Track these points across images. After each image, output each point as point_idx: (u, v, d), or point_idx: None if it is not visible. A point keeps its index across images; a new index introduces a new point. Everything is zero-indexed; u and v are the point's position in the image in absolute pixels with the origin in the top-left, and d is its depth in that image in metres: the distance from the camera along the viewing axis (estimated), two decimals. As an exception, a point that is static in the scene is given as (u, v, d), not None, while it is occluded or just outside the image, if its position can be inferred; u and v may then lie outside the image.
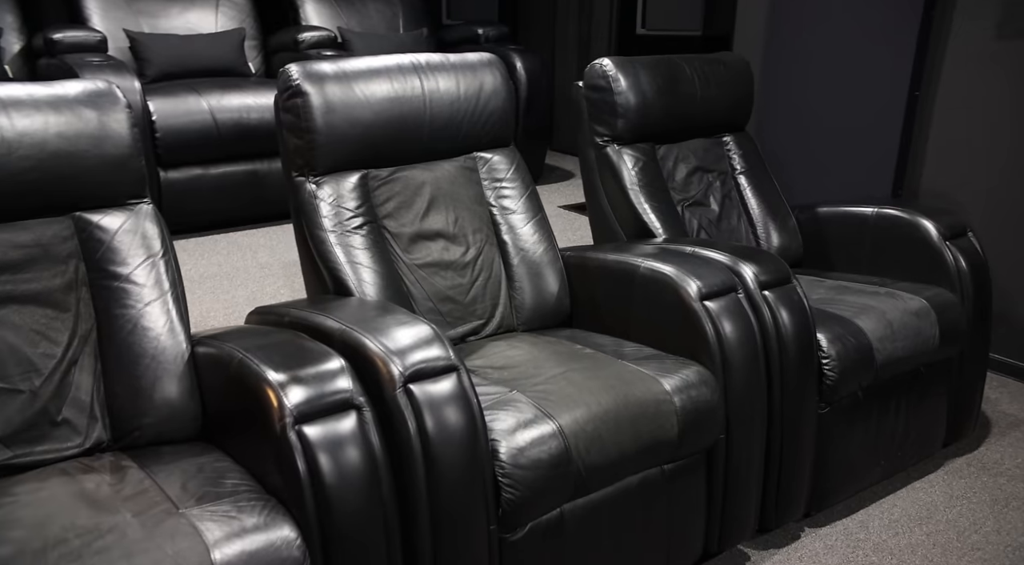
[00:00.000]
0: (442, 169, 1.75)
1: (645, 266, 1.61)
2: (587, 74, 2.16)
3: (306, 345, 1.22)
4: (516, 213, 1.81)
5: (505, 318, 1.74)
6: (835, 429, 1.72)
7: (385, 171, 1.67)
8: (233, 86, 2.99)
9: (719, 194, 2.31)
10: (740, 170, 2.37)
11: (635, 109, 2.10)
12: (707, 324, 1.50)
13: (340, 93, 1.57)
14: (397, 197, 1.67)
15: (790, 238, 2.32)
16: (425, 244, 1.68)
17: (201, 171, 2.87)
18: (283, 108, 1.58)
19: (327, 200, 1.58)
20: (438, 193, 1.72)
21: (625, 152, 2.13)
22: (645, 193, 2.10)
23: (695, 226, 2.22)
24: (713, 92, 2.28)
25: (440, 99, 1.70)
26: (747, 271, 1.63)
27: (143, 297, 1.32)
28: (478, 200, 1.78)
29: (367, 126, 1.60)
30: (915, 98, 2.76)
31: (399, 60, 1.68)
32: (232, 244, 2.78)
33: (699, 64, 2.28)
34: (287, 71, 1.55)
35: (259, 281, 2.45)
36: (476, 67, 1.78)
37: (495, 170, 1.82)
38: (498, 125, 1.81)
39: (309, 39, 3.37)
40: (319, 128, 1.55)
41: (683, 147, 2.29)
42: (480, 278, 1.72)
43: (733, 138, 2.40)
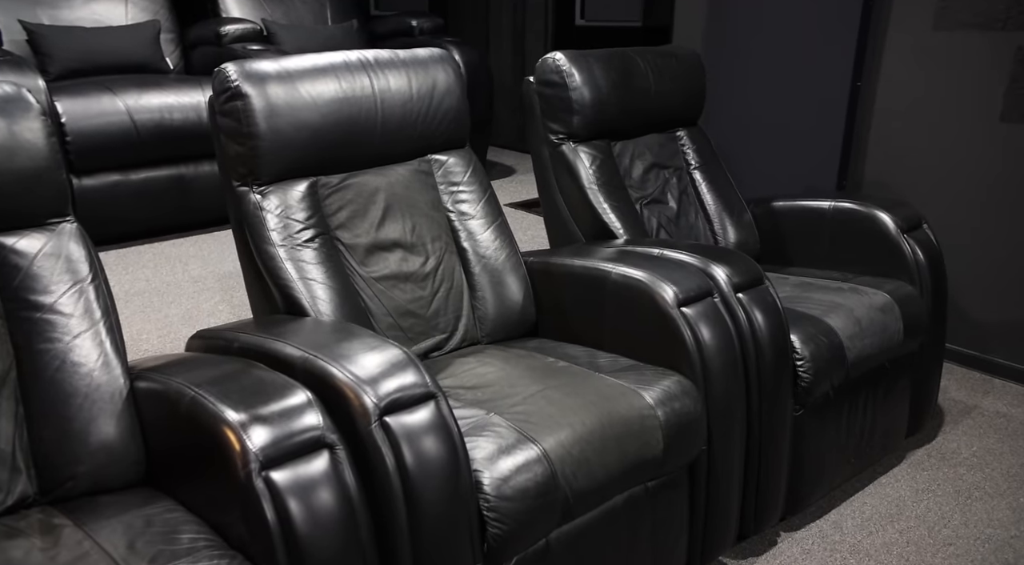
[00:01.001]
0: (396, 174, 1.66)
1: (617, 272, 1.56)
2: (539, 69, 2.09)
3: (265, 377, 1.11)
4: (475, 218, 1.73)
5: (469, 330, 1.66)
6: (808, 430, 1.72)
7: (336, 178, 1.56)
8: (152, 84, 2.78)
9: (676, 191, 2.29)
10: (695, 165, 2.35)
11: (590, 105, 2.05)
12: (685, 331, 1.46)
13: (284, 94, 1.46)
14: (350, 206, 1.57)
15: (747, 233, 2.32)
16: (382, 255, 1.58)
17: (120, 177, 2.66)
18: (220, 111, 1.45)
19: (274, 211, 1.46)
20: (393, 200, 1.63)
21: (581, 150, 2.08)
22: (603, 192, 2.06)
23: (654, 224, 2.19)
24: (667, 86, 2.25)
25: (392, 99, 1.60)
26: (719, 273, 1.60)
27: (71, 329, 1.18)
28: (435, 206, 1.70)
29: (315, 130, 1.49)
30: (857, 89, 2.81)
31: (346, 57, 1.58)
32: (159, 256, 2.58)
33: (652, 57, 2.24)
34: (224, 71, 1.43)
35: (193, 297, 2.28)
36: (428, 64, 1.69)
37: (451, 173, 1.74)
38: (453, 125, 1.73)
39: (232, 32, 3.18)
40: (262, 133, 1.43)
41: (638, 143, 2.26)
42: (442, 289, 1.64)
43: (687, 133, 2.38)
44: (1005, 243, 2.44)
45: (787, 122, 3.01)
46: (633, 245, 1.83)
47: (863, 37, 2.72)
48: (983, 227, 2.48)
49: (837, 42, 2.76)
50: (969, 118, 2.48)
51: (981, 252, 2.49)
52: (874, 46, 2.72)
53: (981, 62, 2.43)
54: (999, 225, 2.44)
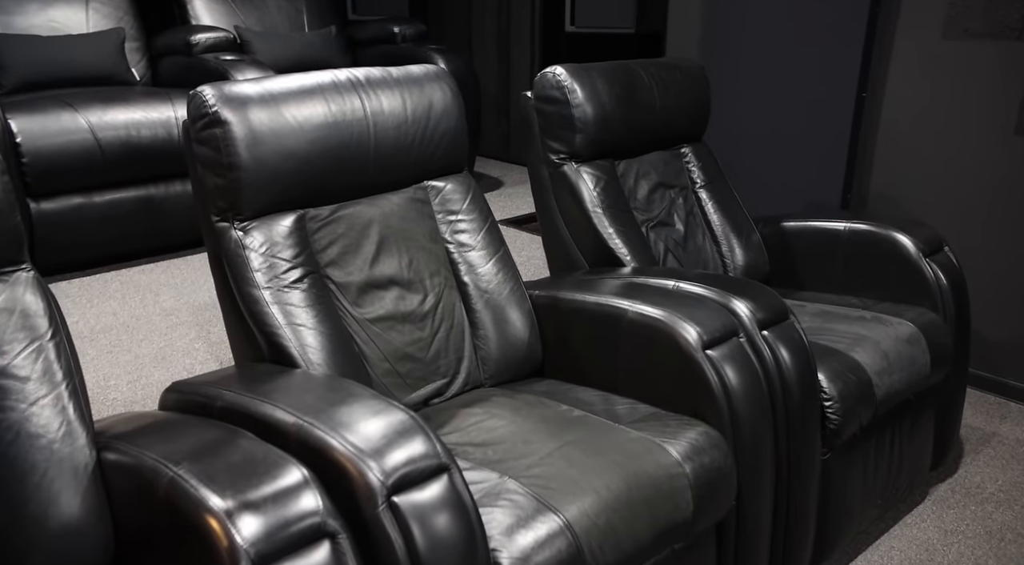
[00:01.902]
0: (390, 203, 1.54)
1: (634, 311, 1.46)
2: (538, 84, 1.99)
3: (255, 451, 0.99)
4: (475, 250, 1.62)
5: (471, 373, 1.55)
6: (835, 474, 1.63)
7: (325, 210, 1.44)
8: (117, 98, 2.62)
9: (683, 212, 2.19)
10: (700, 184, 2.26)
11: (593, 122, 1.95)
12: (711, 376, 1.36)
13: (267, 120, 1.33)
14: (341, 240, 1.45)
15: (756, 255, 2.23)
16: (377, 294, 1.46)
17: (83, 200, 2.49)
18: (197, 139, 1.32)
19: (258, 250, 1.34)
20: (388, 232, 1.51)
21: (584, 170, 1.98)
22: (608, 215, 1.96)
23: (661, 249, 2.09)
24: (672, 101, 2.16)
25: (385, 122, 1.48)
26: (743, 309, 1.51)
27: (28, 395, 1.05)
28: (432, 237, 1.58)
29: (302, 158, 1.37)
30: (862, 100, 2.74)
31: (335, 76, 1.46)
32: (127, 285, 2.41)
33: (655, 70, 2.15)
34: (200, 95, 1.30)
35: (166, 333, 2.13)
36: (423, 82, 1.58)
37: (449, 201, 1.62)
38: (451, 149, 1.62)
39: (204, 41, 3.03)
40: (244, 164, 1.31)
41: (643, 162, 2.16)
42: (442, 329, 1.53)
43: (692, 149, 2.29)
44: (1017, 261, 2.38)
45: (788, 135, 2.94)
46: (643, 275, 1.73)
47: (869, 46, 2.65)
48: (994, 245, 2.42)
49: (841, 51, 2.69)
50: (980, 131, 2.42)
51: (992, 271, 2.43)
52: (880, 55, 2.66)
53: (993, 72, 2.37)
54: (1012, 243, 2.38)
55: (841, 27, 2.67)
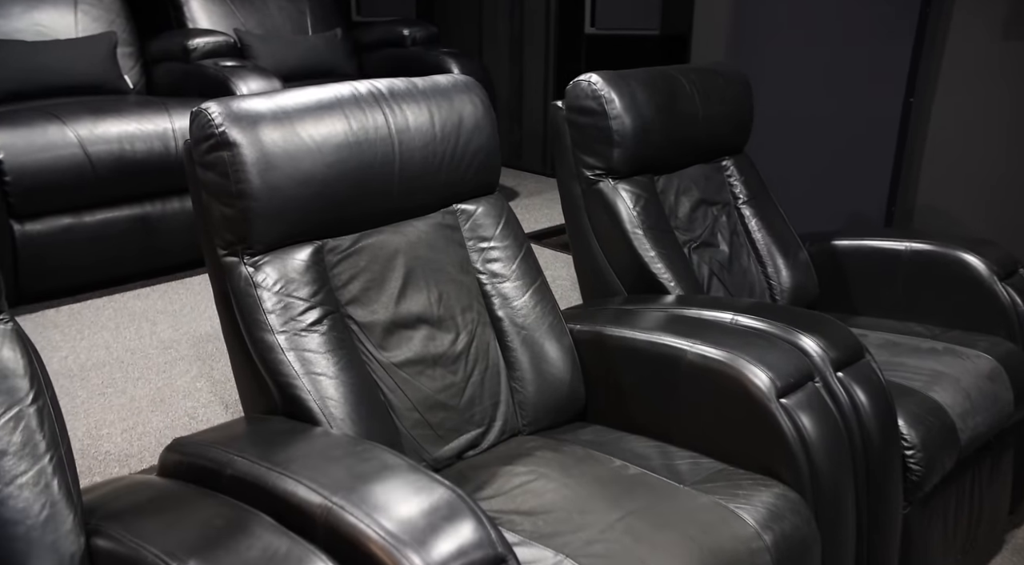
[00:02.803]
0: (416, 230, 1.40)
1: (695, 352, 1.32)
2: (571, 93, 1.85)
3: (274, 543, 0.85)
4: (510, 280, 1.48)
5: (508, 420, 1.41)
6: (915, 528, 1.48)
7: (346, 240, 1.30)
8: (108, 108, 2.47)
9: (726, 231, 2.06)
10: (743, 199, 2.13)
11: (632, 135, 1.81)
12: (787, 428, 1.22)
13: (281, 141, 1.20)
14: (364, 274, 1.31)
15: (804, 276, 2.10)
16: (404, 335, 1.32)
17: (72, 220, 2.34)
18: (202, 163, 1.19)
19: (271, 288, 1.20)
20: (415, 263, 1.37)
21: (622, 187, 1.84)
22: (649, 237, 1.82)
23: (705, 272, 1.95)
24: (714, 110, 2.02)
25: (411, 140, 1.35)
26: (813, 347, 1.37)
27: (5, 472, 0.91)
28: (463, 267, 1.44)
29: (320, 184, 1.23)
30: (909, 105, 2.61)
31: (355, 89, 1.32)
32: (121, 312, 2.26)
33: (696, 77, 2.01)
34: (205, 114, 1.16)
35: (164, 369, 1.97)
36: (451, 94, 1.44)
37: (480, 226, 1.48)
38: (483, 168, 1.48)
39: (202, 46, 2.89)
40: (256, 191, 1.17)
41: (683, 176, 2.02)
42: (476, 372, 1.39)
43: (733, 162, 2.15)
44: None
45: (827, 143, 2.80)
46: (693, 306, 1.59)
47: (918, 47, 2.52)
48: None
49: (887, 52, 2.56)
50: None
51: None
52: (931, 57, 2.52)
53: (1060, 77, 2.24)
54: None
55: (887, 25, 2.54)
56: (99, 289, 2.38)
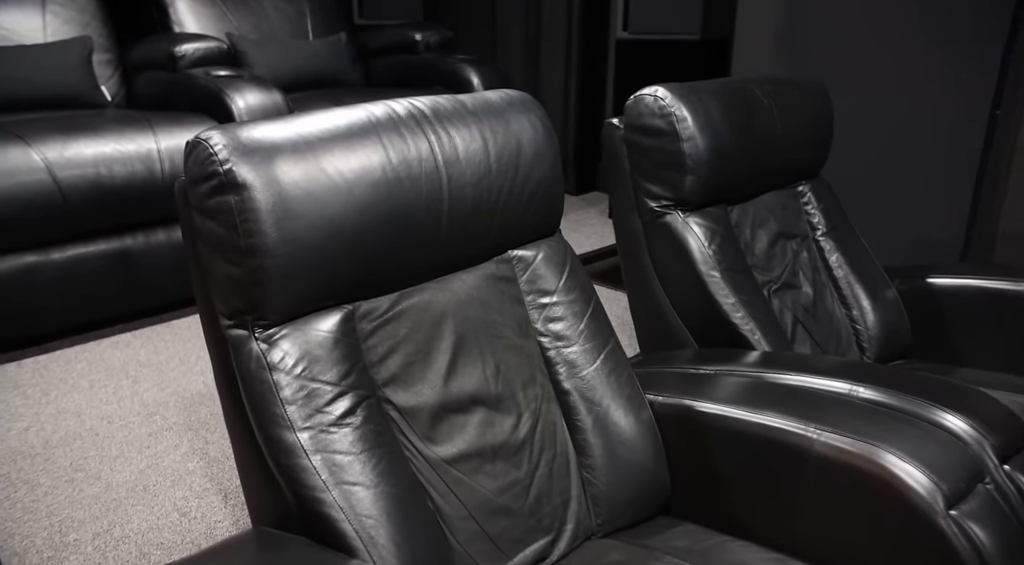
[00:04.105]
0: (465, 285, 1.17)
1: (824, 442, 1.08)
2: (632, 111, 1.62)
3: None
4: (578, 344, 1.24)
5: (581, 521, 1.17)
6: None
7: (383, 302, 1.07)
8: (82, 126, 2.21)
9: (808, 268, 1.83)
10: (823, 230, 1.91)
11: (707, 160, 1.59)
12: (962, 548, 0.98)
13: (303, 179, 0.96)
14: (406, 345, 1.07)
15: (894, 320, 1.87)
16: (456, 421, 1.09)
17: (38, 258, 2.08)
18: (201, 209, 0.95)
19: (290, 371, 0.96)
20: (466, 328, 1.13)
21: (693, 221, 1.62)
22: (728, 280, 1.59)
23: (788, 320, 1.72)
24: (793, 127, 1.80)
25: (462, 174, 1.11)
26: (969, 432, 1.13)
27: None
28: (522, 329, 1.21)
29: (353, 232, 1.00)
30: (995, 118, 2.39)
31: (392, 110, 1.08)
32: (97, 366, 1.98)
33: (772, 89, 1.79)
34: (206, 146, 0.93)
35: (148, 444, 1.67)
36: (506, 114, 1.21)
37: (541, 277, 1.25)
38: (544, 205, 1.25)
39: (190, 53, 2.65)
40: (271, 247, 0.93)
41: (758, 206, 1.80)
42: (543, 463, 1.15)
43: (810, 187, 1.94)
44: None
45: (899, 160, 2.58)
46: (797, 370, 1.36)
47: (1008, 54, 2.30)
48: None
49: (972, 59, 2.34)
50: None
51: None
52: (1022, 65, 2.31)
53: None
54: None
55: (973, 29, 2.33)
56: (71, 336, 2.12)
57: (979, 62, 2.32)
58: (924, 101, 2.48)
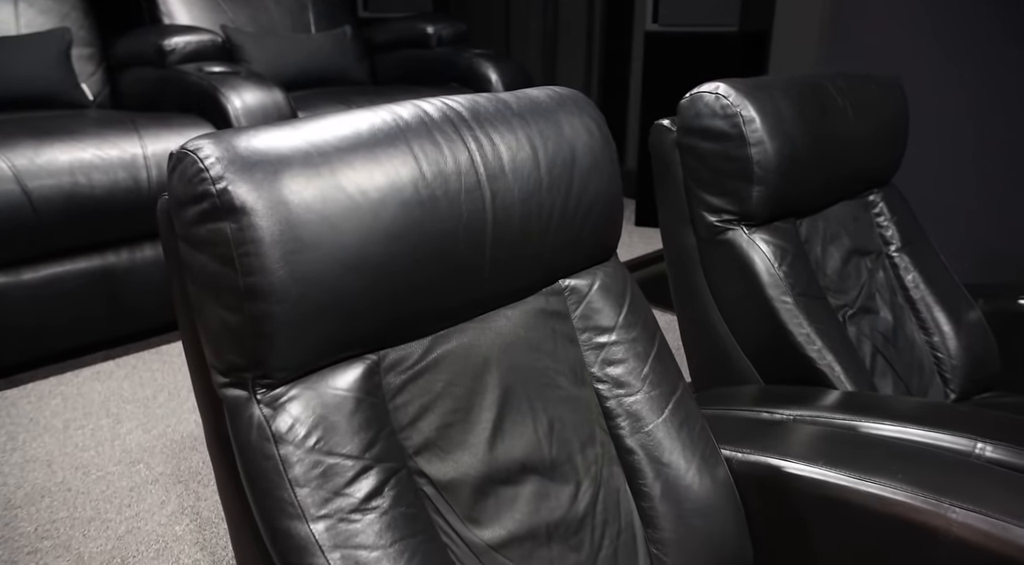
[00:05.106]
0: (510, 324, 0.99)
1: (966, 521, 0.90)
2: (688, 110, 1.45)
3: None
4: (642, 392, 1.07)
5: (651, 610, 1.00)
6: None
7: (414, 349, 0.89)
8: (57, 129, 2.02)
9: (885, 290, 1.66)
10: (897, 245, 1.74)
11: (777, 167, 1.42)
12: None
13: (318, 200, 0.78)
14: (442, 403, 0.89)
15: (980, 346, 1.70)
16: (505, 495, 0.91)
17: (6, 278, 1.88)
18: (189, 239, 0.77)
19: (301, 443, 0.78)
20: (513, 378, 0.96)
21: (760, 238, 1.45)
22: (802, 307, 1.42)
23: (867, 350, 1.55)
24: (870, 129, 1.63)
25: (508, 190, 0.94)
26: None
27: None
28: (577, 375, 1.03)
29: (379, 265, 0.82)
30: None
31: (422, 112, 0.91)
32: (73, 402, 1.77)
33: (847, 86, 1.62)
34: (194, 158, 0.75)
35: (129, 502, 1.46)
36: (557, 117, 1.03)
37: (597, 311, 1.07)
38: (601, 225, 1.07)
39: (181, 47, 2.48)
40: (278, 287, 0.76)
41: (828, 219, 1.63)
42: (606, 542, 0.97)
43: (882, 196, 1.77)
44: None
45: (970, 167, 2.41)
46: (891, 418, 1.19)
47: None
48: None
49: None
50: None
51: None
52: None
53: None
54: None
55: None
56: (44, 367, 1.94)
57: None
58: (999, 104, 2.30)
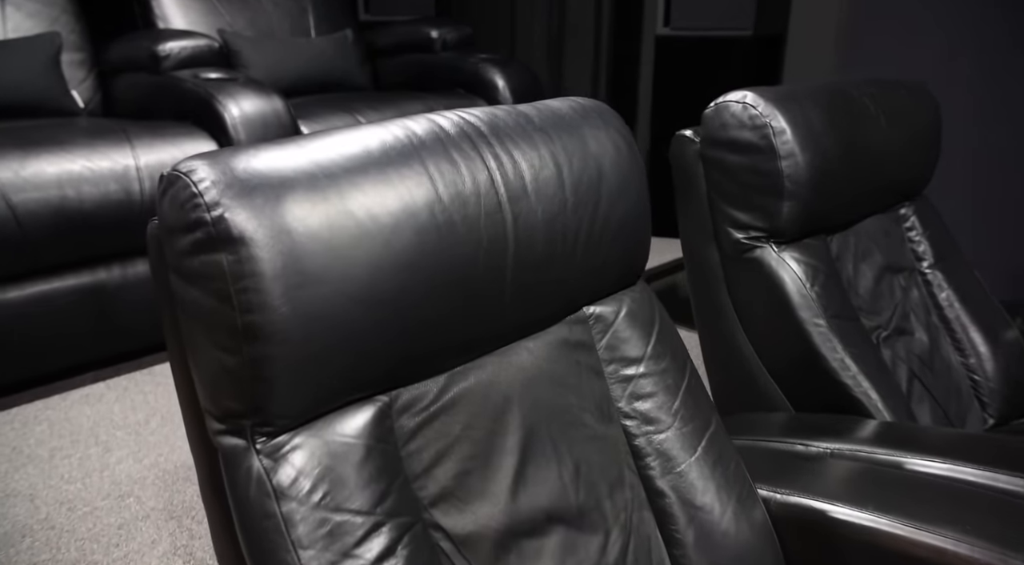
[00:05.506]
0: (532, 357, 0.92)
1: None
2: (713, 120, 1.39)
3: None
4: (672, 429, 1.00)
5: None
6: None
7: (429, 388, 0.82)
8: (45, 139, 1.94)
9: (920, 309, 1.59)
10: (929, 262, 1.67)
11: (809, 182, 1.35)
12: None
13: (323, 229, 0.71)
14: (459, 448, 0.82)
15: (1020, 367, 1.64)
16: (528, 548, 0.84)
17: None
18: (182, 271, 0.71)
19: (303, 499, 0.71)
20: (536, 417, 0.89)
21: (790, 256, 1.38)
22: (836, 330, 1.36)
23: (903, 374, 1.48)
24: (904, 138, 1.57)
25: (531, 212, 0.87)
26: None
27: None
28: (603, 411, 0.96)
29: (392, 301, 0.75)
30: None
31: (436, 127, 0.84)
32: (60, 427, 1.69)
33: (879, 93, 1.56)
34: (186, 182, 0.68)
35: (118, 541, 1.37)
36: (581, 131, 0.97)
37: (624, 341, 1.01)
38: (630, 248, 1.01)
39: (176, 52, 2.42)
40: (280, 326, 0.69)
41: (859, 234, 1.56)
42: (637, 598, 0.90)
43: (914, 209, 1.70)
44: None
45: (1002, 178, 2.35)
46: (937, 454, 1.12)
47: None
48: None
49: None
50: None
51: None
52: None
53: None
54: None
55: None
56: (30, 389, 1.86)
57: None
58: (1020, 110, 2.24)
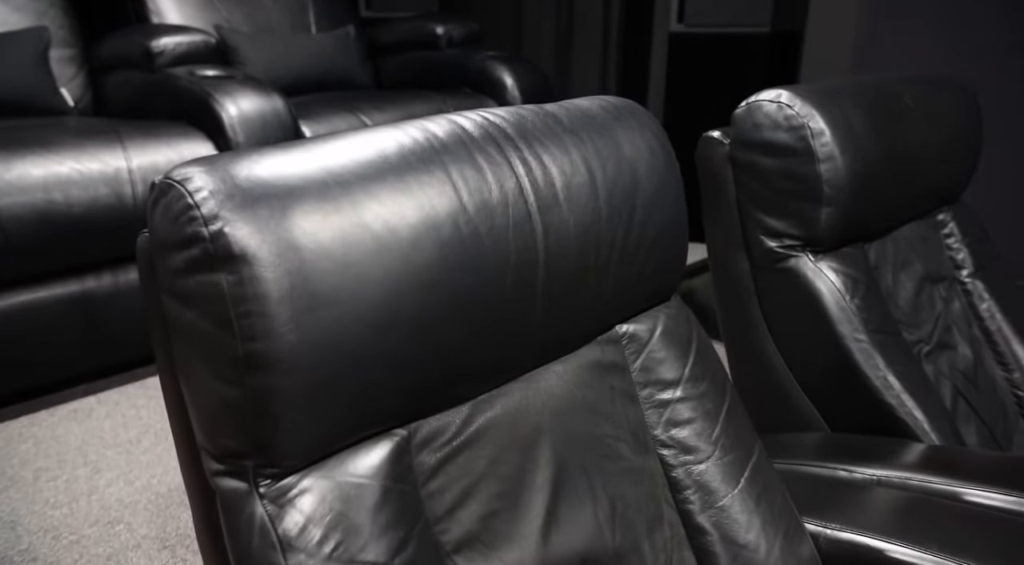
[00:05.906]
0: (562, 381, 0.85)
1: (1123, 631, 0.76)
2: (744, 120, 1.31)
3: None
4: (713, 459, 0.92)
5: None
6: None
7: (452, 419, 0.75)
8: (31, 140, 1.86)
9: (962, 322, 1.52)
10: (969, 270, 1.60)
11: (849, 187, 1.28)
12: None
13: (336, 244, 0.64)
14: (485, 486, 0.75)
15: (1064, 384, 1.56)
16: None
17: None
18: (176, 292, 0.63)
19: (313, 550, 0.64)
20: (568, 451, 0.81)
21: (828, 266, 1.31)
22: (878, 346, 1.29)
23: (947, 392, 1.41)
24: (945, 139, 1.50)
25: (563, 223, 0.79)
26: None
27: None
28: (639, 440, 0.89)
29: (411, 324, 0.68)
30: None
31: (459, 128, 0.77)
32: (47, 445, 1.61)
33: (922, 91, 1.48)
34: (181, 189, 0.61)
35: None
36: (614, 131, 0.89)
37: (660, 362, 0.93)
38: (666, 260, 0.93)
39: (171, 48, 2.34)
40: (287, 355, 0.61)
41: (897, 242, 1.49)
42: (679, 649, 0.83)
43: (952, 215, 1.63)
44: None
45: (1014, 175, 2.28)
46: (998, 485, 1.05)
47: None
48: None
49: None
50: None
51: None
52: None
53: None
54: None
55: None
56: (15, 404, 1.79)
57: None
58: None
